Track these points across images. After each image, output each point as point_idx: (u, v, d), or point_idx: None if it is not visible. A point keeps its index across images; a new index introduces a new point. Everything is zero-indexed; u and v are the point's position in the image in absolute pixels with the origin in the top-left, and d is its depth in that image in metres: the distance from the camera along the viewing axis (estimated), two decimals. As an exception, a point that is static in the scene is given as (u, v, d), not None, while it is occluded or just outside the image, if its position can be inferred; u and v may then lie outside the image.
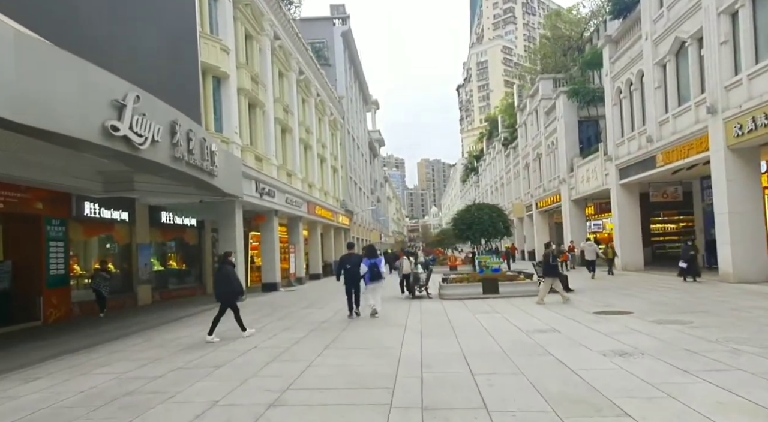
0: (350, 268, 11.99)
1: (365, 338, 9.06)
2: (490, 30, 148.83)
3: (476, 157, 79.89)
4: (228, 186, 14.89)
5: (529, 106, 41.87)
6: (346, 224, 38.29)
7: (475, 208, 16.28)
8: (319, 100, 31.61)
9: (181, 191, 14.68)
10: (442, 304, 14.00)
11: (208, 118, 16.24)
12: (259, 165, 19.48)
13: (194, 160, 11.55)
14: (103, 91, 8.41)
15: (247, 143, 18.53)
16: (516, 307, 12.60)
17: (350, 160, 43.95)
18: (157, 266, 19.01)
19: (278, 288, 21.37)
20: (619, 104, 24.46)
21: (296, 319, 11.99)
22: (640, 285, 16.88)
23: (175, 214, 19.17)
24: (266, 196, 19.52)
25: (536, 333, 8.72)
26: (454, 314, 11.78)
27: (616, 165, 24.54)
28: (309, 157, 28.78)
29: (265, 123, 21.13)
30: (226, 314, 9.74)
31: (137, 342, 9.64)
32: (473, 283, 15.52)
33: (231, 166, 15.41)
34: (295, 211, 23.94)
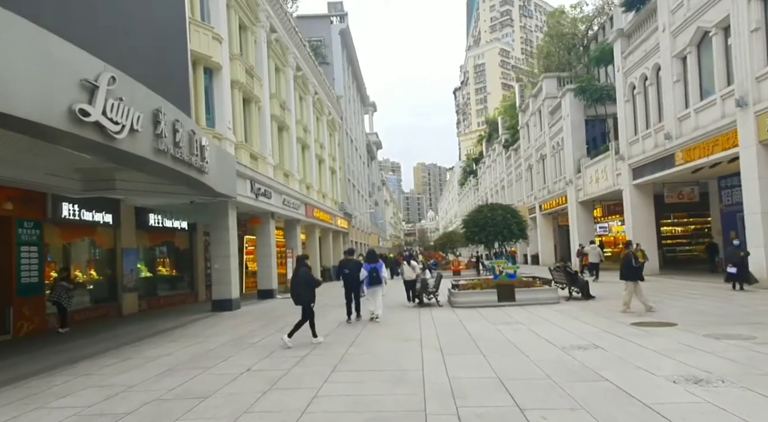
0: (349, 273, 12.02)
1: (378, 357, 7.80)
2: (487, 33, 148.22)
3: (475, 159, 78.80)
4: (220, 185, 13.66)
5: (532, 106, 40.82)
6: (345, 227, 37.04)
7: (487, 208, 15.07)
8: (317, 98, 30.43)
9: (170, 191, 13.43)
10: (455, 313, 12.77)
11: (199, 111, 15.00)
12: (254, 164, 18.24)
13: (181, 154, 10.31)
14: (71, 68, 7.18)
15: (241, 140, 17.29)
16: (539, 317, 11.38)
17: (348, 161, 42.76)
18: (145, 272, 17.70)
19: (275, 295, 20.09)
20: (632, 100, 23.36)
21: (297, 331, 10.71)
22: (665, 291, 15.70)
23: (164, 217, 17.88)
24: (262, 197, 18.26)
25: (575, 351, 7.50)
26: (473, 326, 10.54)
27: (629, 164, 23.42)
28: (307, 157, 27.55)
29: (261, 119, 19.90)
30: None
31: (112, 361, 8.34)
32: (487, 290, 14.31)
33: (224, 164, 14.19)
34: (292, 214, 22.70)
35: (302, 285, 9.07)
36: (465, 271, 31.72)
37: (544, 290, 14.31)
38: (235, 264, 16.19)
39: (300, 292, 9.09)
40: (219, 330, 11.57)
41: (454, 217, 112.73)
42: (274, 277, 20.23)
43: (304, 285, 9.08)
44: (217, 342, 9.87)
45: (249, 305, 17.31)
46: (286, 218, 23.27)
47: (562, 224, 39.20)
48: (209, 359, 8.16)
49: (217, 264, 15.76)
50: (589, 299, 14.51)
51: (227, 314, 14.91)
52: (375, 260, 12.61)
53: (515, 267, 14.32)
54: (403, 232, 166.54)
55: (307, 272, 9.30)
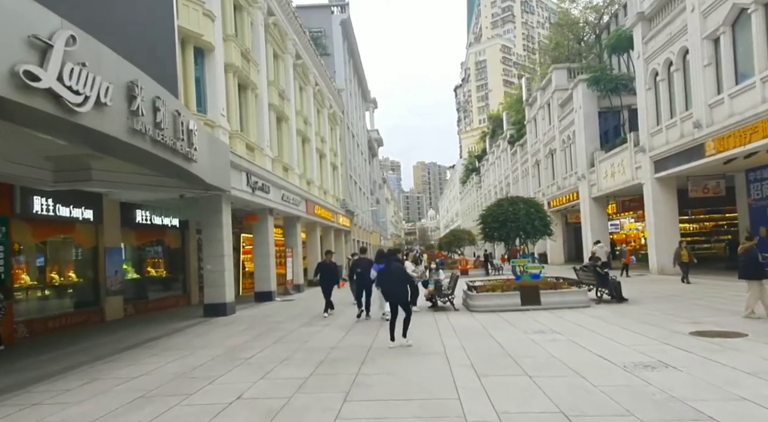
0: (361, 272, 12.29)
1: (399, 379, 6.36)
2: (489, 29, 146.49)
3: (478, 156, 77.34)
4: (212, 176, 12.22)
5: (540, 99, 39.36)
6: (347, 226, 35.60)
7: (507, 202, 13.60)
8: (318, 90, 28.96)
9: (155, 183, 11.99)
10: (476, 319, 11.34)
11: (189, 95, 13.55)
12: (251, 155, 16.79)
13: (163, 137, 8.86)
14: (17, 21, 5.74)
15: (236, 129, 15.84)
16: (574, 324, 9.96)
17: (350, 157, 41.31)
18: (132, 273, 16.26)
19: (273, 297, 18.65)
20: (654, 88, 21.92)
21: (296, 343, 9.28)
22: (703, 293, 14.29)
23: (152, 213, 16.43)
24: (259, 192, 16.81)
25: (643, 371, 6.08)
26: (502, 335, 9.11)
27: (650, 157, 21.98)
28: (307, 150, 26.09)
29: (258, 108, 18.44)
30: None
31: (74, 384, 6.90)
32: (508, 292, 12.87)
33: (216, 154, 12.75)
34: (292, 210, 21.25)
35: (398, 282, 8.51)
36: (473, 271, 30.29)
37: (572, 292, 12.87)
38: (230, 265, 14.75)
39: (397, 290, 8.53)
40: (209, 341, 10.13)
41: (456, 216, 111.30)
42: (272, 278, 18.79)
43: (400, 281, 8.52)
44: (205, 356, 8.43)
45: (245, 309, 15.86)
46: (285, 215, 21.82)
47: (572, 222, 37.83)
48: (193, 381, 6.71)
49: (210, 264, 14.32)
50: (622, 302, 13.10)
51: (220, 320, 13.46)
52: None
53: (540, 267, 12.90)
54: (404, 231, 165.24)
55: (400, 267, 8.85)
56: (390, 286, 8.63)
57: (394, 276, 8.58)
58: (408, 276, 8.95)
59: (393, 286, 8.56)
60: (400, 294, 8.47)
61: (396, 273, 8.61)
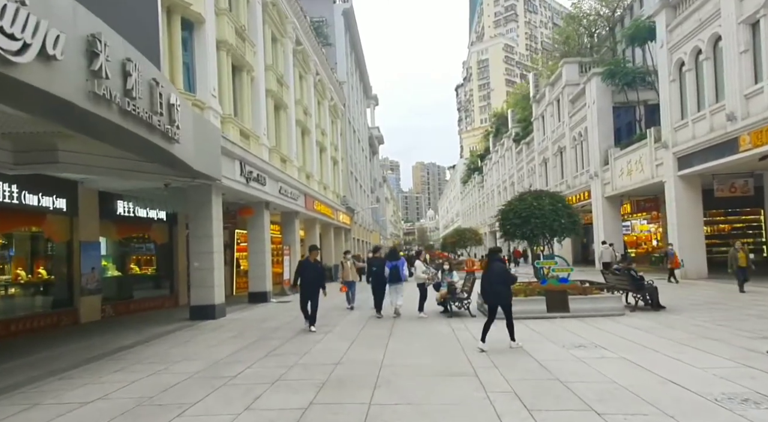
0: (376, 270, 12.48)
1: (425, 412, 4.89)
2: (491, 28, 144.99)
3: (480, 156, 75.88)
4: (200, 162, 10.75)
5: (549, 95, 37.94)
6: (347, 223, 34.12)
7: (531, 196, 12.15)
8: (319, 79, 27.48)
9: (134, 169, 10.54)
10: (500, 328, 9.88)
11: (175, 71, 12.09)
12: (245, 142, 15.32)
13: (136, 108, 7.39)
14: None
15: (229, 113, 14.36)
16: (616, 336, 8.55)
17: (351, 152, 39.83)
18: (112, 271, 14.78)
19: (269, 298, 17.17)
20: (678, 79, 20.49)
21: (293, 357, 7.81)
22: (750, 301, 12.86)
23: (136, 204, 14.95)
24: (254, 183, 15.35)
25: (747, 408, 4.64)
26: (537, 350, 7.68)
27: (673, 153, 20.55)
28: (307, 142, 24.62)
29: (254, 93, 16.97)
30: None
31: (10, 411, 5.42)
32: (533, 298, 11.44)
33: (205, 137, 11.29)
34: (290, 205, 19.78)
35: (500, 283, 8.11)
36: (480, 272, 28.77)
37: (604, 298, 11.43)
38: (220, 263, 13.27)
39: (498, 290, 8.12)
40: (190, 351, 8.66)
41: (456, 216, 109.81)
42: (267, 278, 17.31)
43: (503, 281, 8.14)
44: (181, 373, 6.96)
45: (237, 311, 14.39)
46: (282, 210, 20.36)
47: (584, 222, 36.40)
48: (157, 411, 5.25)
49: (197, 262, 12.84)
50: (659, 310, 11.67)
51: (208, 324, 11.98)
52: (396, 258, 12.72)
53: (569, 270, 11.44)
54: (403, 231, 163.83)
55: (503, 267, 8.41)
56: (490, 286, 8.15)
57: (494, 276, 8.10)
58: (511, 276, 8.42)
59: (494, 286, 8.11)
60: (501, 295, 8.07)
61: (497, 273, 8.10)
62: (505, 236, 12.66)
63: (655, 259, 30.14)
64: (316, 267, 10.61)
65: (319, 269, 10.63)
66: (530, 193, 12.47)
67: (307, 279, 10.35)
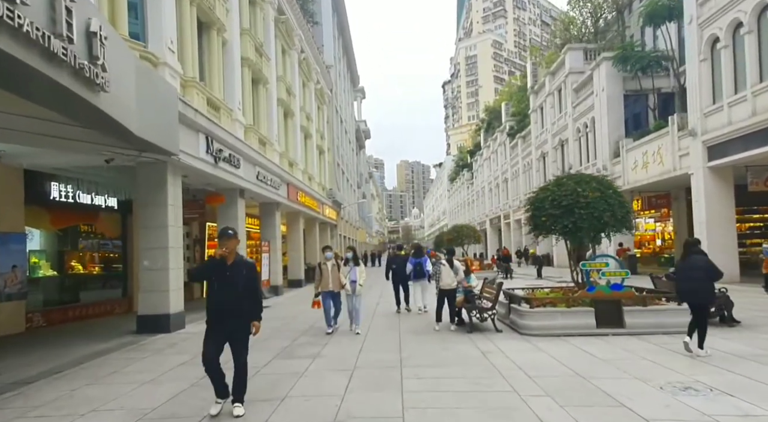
0: (396, 268, 12.76)
1: None
2: (480, 24, 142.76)
3: (470, 152, 73.64)
4: (146, 128, 8.05)
5: (549, 85, 35.71)
6: (333, 219, 31.43)
7: (572, 180, 9.63)
8: (304, 58, 24.74)
9: (58, 134, 7.81)
10: (544, 351, 7.41)
11: (117, 11, 9.30)
12: (214, 114, 12.59)
13: (20, 18, 4.68)
14: None
15: (193, 76, 11.61)
16: (715, 367, 6.10)
17: (338, 143, 37.12)
18: (45, 270, 11.93)
19: (242, 303, 14.43)
20: (710, 59, 18.23)
21: (264, 406, 5.18)
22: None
23: (77, 187, 12.11)
24: (225, 164, 12.63)
25: None
26: (622, 392, 5.20)
27: (703, 141, 18.31)
28: (290, 126, 21.89)
29: (227, 57, 14.25)
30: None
31: None
32: (577, 309, 8.96)
33: (155, 97, 8.58)
34: (270, 194, 17.06)
35: (700, 278, 6.83)
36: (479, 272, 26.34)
37: (668, 310, 8.96)
38: (178, 261, 10.52)
39: (698, 287, 6.86)
40: (111, 393, 5.93)
41: (442, 214, 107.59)
42: (241, 279, 14.55)
43: (705, 277, 6.83)
44: None
45: (201, 321, 11.67)
46: (261, 200, 17.65)
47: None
48: None
49: (147, 260, 10.07)
50: (734, 324, 9.30)
51: (157, 341, 9.26)
52: (421, 255, 12.55)
53: (623, 274, 8.97)
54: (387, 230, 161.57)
55: (705, 260, 7.04)
56: (688, 281, 6.97)
57: (694, 270, 6.91)
58: (716, 271, 6.90)
59: (692, 281, 6.90)
60: (700, 292, 6.86)
61: (698, 266, 6.89)
62: (535, 231, 10.11)
63: (665, 260, 28.15)
64: (222, 267, 7.47)
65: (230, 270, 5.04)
66: (571, 178, 9.93)
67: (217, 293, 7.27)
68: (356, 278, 9.63)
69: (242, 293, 4.84)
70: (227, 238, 4.92)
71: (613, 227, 9.28)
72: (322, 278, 9.52)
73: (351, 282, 9.60)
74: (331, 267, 9.54)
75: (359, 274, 9.68)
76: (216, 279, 4.89)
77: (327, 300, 9.56)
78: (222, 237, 4.97)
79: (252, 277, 5.01)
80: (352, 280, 9.60)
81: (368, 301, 14.58)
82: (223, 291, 4.82)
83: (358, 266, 9.79)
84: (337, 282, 9.54)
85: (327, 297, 9.53)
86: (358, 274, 9.67)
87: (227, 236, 4.93)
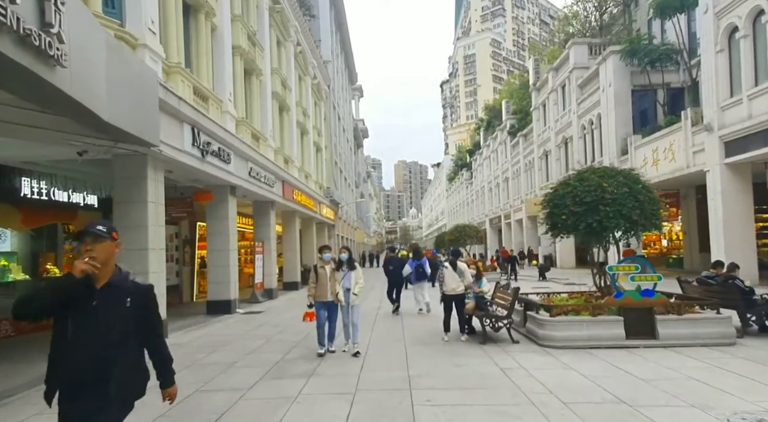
0: (393, 269, 12.84)
1: None
2: (478, 23, 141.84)
3: (469, 151, 72.73)
4: (120, 114, 7.08)
5: (552, 81, 34.83)
6: (331, 219, 30.46)
7: (596, 175, 8.67)
8: (300, 51, 23.76)
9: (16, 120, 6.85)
10: (572, 368, 6.47)
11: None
12: (202, 105, 11.61)
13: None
14: None
15: (178, 61, 10.63)
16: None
17: (336, 141, 36.13)
18: (16, 273, 10.93)
19: (233, 308, 13.49)
20: (728, 49, 17.33)
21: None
22: None
23: (52, 184, 11.10)
24: (214, 158, 11.66)
25: None
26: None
27: (720, 137, 17.41)
28: (286, 121, 20.91)
29: (216, 45, 13.28)
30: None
31: None
32: (603, 317, 8.00)
33: (130, 79, 7.60)
34: (264, 192, 16.09)
35: None
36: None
37: (706, 319, 8.01)
38: (159, 265, 9.54)
39: None
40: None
41: (441, 214, 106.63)
42: (232, 283, 13.61)
43: None
44: None
45: (185, 329, 10.72)
46: (254, 198, 16.69)
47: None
48: None
49: (122, 264, 9.07)
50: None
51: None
52: (420, 256, 12.67)
53: (656, 278, 8.03)
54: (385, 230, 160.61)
55: None
56: None
57: None
58: None
59: None
60: None
61: None
62: (553, 231, 9.16)
63: (673, 261, 27.27)
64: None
65: None
66: (592, 170, 8.98)
67: None
68: (351, 285, 7.96)
69: (120, 342, 2.66)
70: (93, 240, 2.68)
71: (642, 226, 8.33)
72: (318, 284, 7.82)
73: (345, 290, 7.95)
74: (329, 272, 7.92)
75: (355, 281, 7.97)
76: (71, 316, 2.59)
77: (322, 312, 7.85)
78: (84, 238, 2.69)
79: (145, 313, 2.83)
80: (346, 288, 7.96)
81: (369, 306, 13.64)
82: (82, 336, 2.57)
83: (354, 270, 8.08)
84: (335, 289, 7.97)
85: (322, 308, 7.84)
86: (353, 281, 7.97)
87: (92, 236, 2.69)
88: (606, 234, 8.43)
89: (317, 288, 7.85)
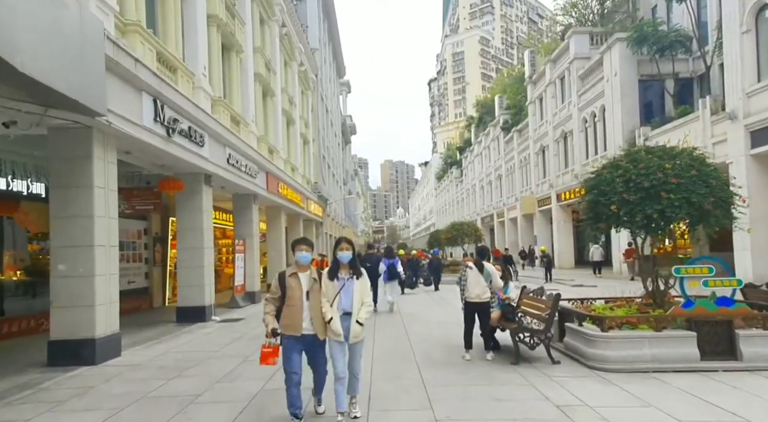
0: (370, 267, 11.42)
1: None
2: (466, 20, 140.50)
3: (459, 148, 71.29)
4: (46, 69, 5.30)
5: (550, 73, 33.39)
6: (319, 215, 28.62)
7: (655, 154, 6.95)
8: (285, 33, 21.91)
9: None
10: (644, 400, 4.77)
11: None
12: (169, 75, 9.75)
13: None
14: None
15: (138, 20, 8.76)
16: None
17: (323, 134, 34.28)
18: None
19: (207, 316, 11.65)
20: (755, 30, 15.91)
21: None
22: None
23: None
24: (182, 139, 9.82)
25: None
26: None
27: (745, 125, 15.99)
28: (270, 108, 19.05)
29: (188, 11, 11.45)
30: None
31: None
32: (670, 332, 6.36)
33: (61, 25, 5.80)
34: (245, 183, 14.26)
35: None
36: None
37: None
38: (110, 266, 7.67)
39: None
40: None
41: (429, 214, 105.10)
42: (207, 287, 11.77)
43: None
44: None
45: (147, 343, 8.86)
46: (235, 190, 14.85)
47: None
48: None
49: (63, 263, 7.21)
50: None
51: (76, 377, 6.45)
52: (392, 256, 13.34)
53: (735, 283, 6.43)
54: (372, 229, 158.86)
55: None
56: None
57: None
58: None
59: None
60: None
61: None
62: (598, 224, 7.49)
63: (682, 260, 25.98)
64: None
65: None
66: (648, 149, 7.31)
67: None
68: (354, 306, 4.61)
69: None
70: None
71: (716, 217, 6.69)
72: (287, 306, 4.48)
73: (342, 315, 4.58)
74: (307, 284, 4.54)
75: (359, 298, 4.64)
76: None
77: (294, 355, 4.45)
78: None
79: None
80: (344, 312, 4.60)
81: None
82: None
83: (359, 279, 4.71)
84: (319, 314, 4.49)
85: (294, 347, 4.46)
86: (356, 298, 4.62)
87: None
88: (666, 227, 6.77)
89: (286, 311, 4.47)
